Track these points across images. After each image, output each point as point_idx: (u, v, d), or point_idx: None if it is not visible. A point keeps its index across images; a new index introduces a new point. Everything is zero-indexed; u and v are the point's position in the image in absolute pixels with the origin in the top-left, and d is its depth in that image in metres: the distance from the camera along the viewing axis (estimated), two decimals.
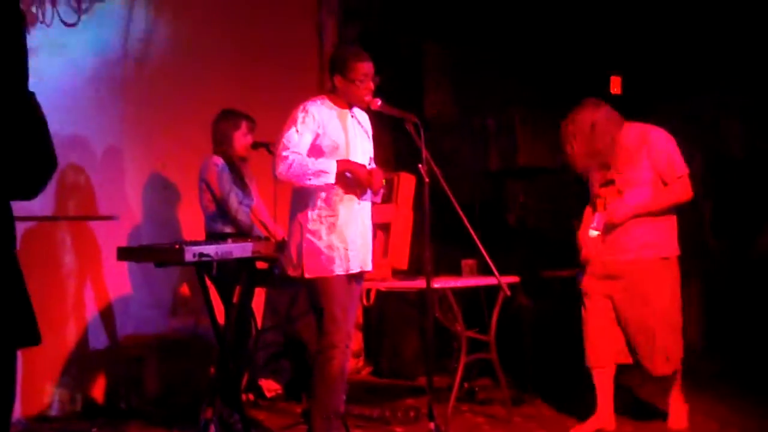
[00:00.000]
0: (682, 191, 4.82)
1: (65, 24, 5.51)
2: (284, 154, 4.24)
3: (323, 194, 4.30)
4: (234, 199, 5.23)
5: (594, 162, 4.87)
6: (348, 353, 4.40)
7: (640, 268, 4.80)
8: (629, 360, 4.89)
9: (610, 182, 4.89)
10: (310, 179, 4.23)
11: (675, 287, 4.88)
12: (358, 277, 4.44)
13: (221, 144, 5.30)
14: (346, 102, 4.39)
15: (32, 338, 2.29)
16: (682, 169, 4.82)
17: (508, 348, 5.55)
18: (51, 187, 5.58)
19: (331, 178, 4.22)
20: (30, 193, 2.22)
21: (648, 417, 5.10)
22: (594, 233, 4.86)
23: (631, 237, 4.82)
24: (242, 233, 5.15)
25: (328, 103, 4.37)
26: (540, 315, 6.04)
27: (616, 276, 4.84)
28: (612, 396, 4.87)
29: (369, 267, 4.46)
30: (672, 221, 4.88)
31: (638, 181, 4.83)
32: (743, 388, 5.90)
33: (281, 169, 4.23)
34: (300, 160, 4.22)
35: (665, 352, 4.80)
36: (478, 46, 7.31)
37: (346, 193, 4.32)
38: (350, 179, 4.30)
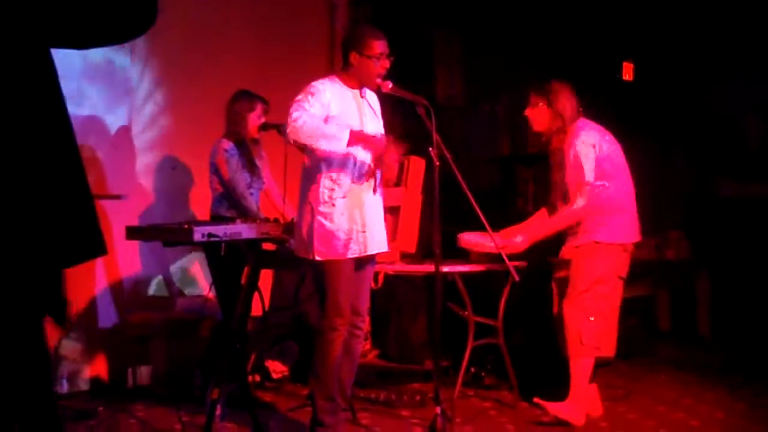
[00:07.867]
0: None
1: None
2: (295, 115, 4.14)
3: (333, 175, 4.26)
4: (242, 184, 5.22)
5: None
6: (361, 335, 4.41)
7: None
8: None
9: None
10: (320, 141, 4.12)
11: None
12: (372, 258, 4.43)
13: (234, 124, 5.28)
14: (357, 81, 4.36)
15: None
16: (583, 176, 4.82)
17: (515, 333, 5.56)
18: None
19: (343, 144, 4.12)
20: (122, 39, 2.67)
21: None
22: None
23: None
24: (247, 218, 5.13)
25: (338, 81, 4.35)
26: (547, 300, 6.00)
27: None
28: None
29: (385, 248, 4.46)
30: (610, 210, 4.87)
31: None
32: (749, 379, 5.89)
33: (293, 127, 4.10)
34: (311, 122, 4.12)
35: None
36: (488, 31, 7.27)
37: (356, 179, 4.29)
38: (363, 151, 4.27)
